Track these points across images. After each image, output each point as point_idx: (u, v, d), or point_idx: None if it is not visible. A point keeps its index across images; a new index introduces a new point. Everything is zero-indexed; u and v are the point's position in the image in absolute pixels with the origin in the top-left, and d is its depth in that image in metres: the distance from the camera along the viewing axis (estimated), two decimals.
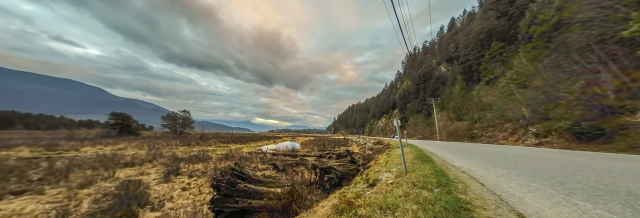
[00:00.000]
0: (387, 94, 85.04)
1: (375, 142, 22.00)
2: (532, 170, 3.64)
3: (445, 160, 5.63)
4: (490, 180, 3.18)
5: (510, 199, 2.28)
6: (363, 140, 34.21)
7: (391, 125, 64.71)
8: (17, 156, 10.27)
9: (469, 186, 2.88)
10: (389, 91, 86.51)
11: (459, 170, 4.10)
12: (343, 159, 7.72)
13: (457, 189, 2.67)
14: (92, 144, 15.82)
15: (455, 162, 5.18)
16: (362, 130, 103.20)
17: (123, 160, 9.11)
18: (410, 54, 11.35)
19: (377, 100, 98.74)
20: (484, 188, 2.76)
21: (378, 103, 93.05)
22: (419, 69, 54.83)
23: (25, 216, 4.05)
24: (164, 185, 6.35)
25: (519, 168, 3.85)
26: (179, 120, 31.68)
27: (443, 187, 2.80)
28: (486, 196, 2.44)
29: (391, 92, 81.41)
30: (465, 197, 2.34)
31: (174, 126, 31.34)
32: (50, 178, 6.20)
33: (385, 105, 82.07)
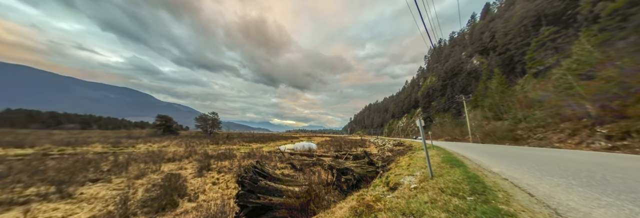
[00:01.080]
0: (408, 91, 79.39)
1: (396, 144, 20.73)
2: (603, 181, 2.93)
3: (480, 165, 4.96)
4: (542, 190, 2.67)
5: (571, 214, 1.88)
6: (381, 141, 32.63)
7: (413, 125, 60.10)
8: (93, 151, 12.91)
9: (512, 196, 2.47)
10: (410, 89, 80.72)
11: (498, 177, 3.55)
12: (360, 160, 7.49)
13: (496, 198, 2.31)
14: (144, 142, 18.84)
15: (494, 168, 4.51)
16: (380, 131, 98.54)
17: (166, 156, 10.60)
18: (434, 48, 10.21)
19: (397, 99, 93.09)
20: (534, 200, 2.33)
21: (398, 102, 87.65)
22: (445, 63, 49.69)
23: (99, 199, 5.05)
24: (198, 179, 7.15)
25: (583, 178, 3.14)
26: (209, 121, 35.39)
27: (478, 195, 2.47)
28: (536, 209, 2.05)
29: (412, 90, 75.75)
30: (508, 209, 2.01)
31: (205, 126, 35.12)
32: (115, 170, 7.60)
33: (406, 104, 76.76)
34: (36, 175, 6.29)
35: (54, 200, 4.78)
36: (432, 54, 65.48)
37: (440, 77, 48.30)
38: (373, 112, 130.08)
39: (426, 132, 29.19)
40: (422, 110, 56.14)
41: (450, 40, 60.22)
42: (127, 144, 16.79)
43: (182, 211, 4.58)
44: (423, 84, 62.30)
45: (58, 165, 7.68)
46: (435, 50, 57.48)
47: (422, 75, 74.98)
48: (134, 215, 4.28)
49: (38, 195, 4.88)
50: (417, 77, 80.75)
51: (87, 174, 6.80)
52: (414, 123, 60.15)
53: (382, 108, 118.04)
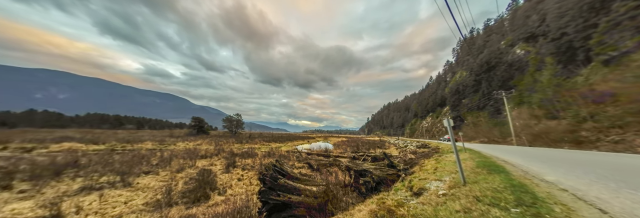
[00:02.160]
0: (433, 88, 72.61)
1: (419, 145, 19.13)
2: None
3: (527, 172, 4.20)
4: (619, 206, 2.12)
5: None
6: (403, 142, 30.54)
7: (440, 125, 54.58)
8: (145, 148, 15.38)
9: (575, 211, 2.02)
10: (435, 86, 73.75)
11: (555, 187, 2.96)
12: (380, 162, 7.14)
13: (552, 213, 1.93)
14: (182, 140, 21.62)
15: (548, 176, 3.77)
16: (401, 131, 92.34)
17: (200, 153, 11.94)
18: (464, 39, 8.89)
19: (420, 97, 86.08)
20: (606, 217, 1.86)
21: (421, 100, 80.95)
22: (478, 55, 43.84)
23: (150, 189, 5.97)
24: (226, 175, 7.85)
25: None
26: (234, 122, 38.65)
27: (526, 207, 2.09)
28: None
29: (438, 87, 69.02)
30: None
31: (231, 127, 38.44)
32: (162, 164, 8.90)
33: (430, 102, 70.28)
34: (107, 167, 7.80)
35: (119, 187, 5.85)
36: (462, 45, 58.60)
37: (473, 71, 42.74)
38: (392, 111, 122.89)
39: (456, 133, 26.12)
40: (451, 109, 50.56)
41: (485, 29, 52.91)
42: (170, 142, 19.52)
43: (213, 203, 5.08)
44: (451, 79, 56.22)
45: (121, 159, 9.39)
46: (466, 42, 51.28)
47: (449, 70, 67.77)
48: (176, 204, 4.93)
49: (108, 183, 6.04)
50: (443, 73, 73.35)
51: (141, 167, 8.14)
52: (440, 124, 54.53)
53: (402, 107, 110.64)
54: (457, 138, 20.37)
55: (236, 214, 3.78)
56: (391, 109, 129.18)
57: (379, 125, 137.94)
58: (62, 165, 7.44)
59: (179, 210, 4.58)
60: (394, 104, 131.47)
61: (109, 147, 14.85)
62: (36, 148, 13.13)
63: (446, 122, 3.34)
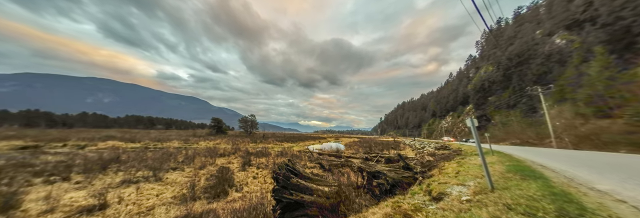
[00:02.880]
0: (454, 86, 67.43)
1: (439, 147, 17.89)
2: None
3: (573, 179, 3.65)
4: None
5: None
6: (419, 143, 28.84)
7: (462, 125, 50.35)
8: (173, 146, 16.94)
9: None
10: (455, 83, 68.42)
11: (609, 198, 2.52)
12: (394, 164, 6.84)
13: None
14: (204, 140, 23.35)
15: (599, 184, 3.23)
16: (417, 132, 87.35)
17: (219, 152, 12.77)
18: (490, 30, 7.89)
19: (438, 96, 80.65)
20: None
21: (439, 98, 75.78)
22: (507, 47, 39.55)
23: (177, 184, 6.56)
24: (242, 172, 8.26)
25: None
26: (248, 122, 40.56)
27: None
28: None
29: (459, 84, 63.88)
30: None
31: (246, 127, 40.39)
32: (187, 161, 9.73)
33: (450, 100, 65.38)
34: (142, 163, 8.78)
35: (152, 181, 6.53)
36: (487, 38, 53.41)
37: (501, 65, 38.69)
38: (407, 110, 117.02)
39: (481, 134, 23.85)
40: (474, 108, 46.40)
41: (515, 18, 47.51)
42: (193, 141, 21.24)
43: (231, 199, 5.38)
44: (475, 75, 51.61)
45: (153, 156, 10.49)
46: (492, 34, 46.70)
47: (472, 65, 62.30)
48: (199, 198, 5.33)
49: (143, 177, 6.79)
50: (465, 68, 67.72)
51: (169, 164, 8.98)
52: (462, 124, 50.31)
53: (418, 106, 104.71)
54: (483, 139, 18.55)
55: (252, 211, 3.95)
56: (406, 108, 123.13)
57: (393, 125, 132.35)
58: (108, 161, 8.57)
59: (201, 204, 4.95)
60: (409, 103, 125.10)
61: (143, 145, 16.69)
62: (87, 145, 15.36)
63: (469, 121, 3.06)
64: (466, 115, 49.19)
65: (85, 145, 15.21)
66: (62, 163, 7.90)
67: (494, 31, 47.13)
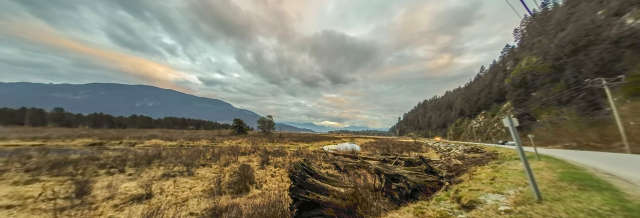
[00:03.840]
0: (487, 81, 59.90)
1: (468, 149, 16.06)
2: None
3: None
4: None
5: None
6: (445, 145, 26.32)
7: (497, 125, 44.32)
8: (202, 145, 18.80)
9: None
10: (488, 77, 60.72)
11: None
12: (416, 167, 6.37)
13: None
14: (227, 139, 25.36)
15: None
16: (442, 133, 79.88)
17: (240, 151, 13.70)
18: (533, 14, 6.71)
19: (467, 92, 72.67)
20: None
21: (468, 96, 68.19)
22: (557, 33, 33.43)
23: (206, 178, 7.25)
24: (261, 171, 8.70)
25: None
26: (266, 123, 42.66)
27: None
28: None
29: (493, 79, 56.46)
30: None
31: (264, 127, 42.55)
32: (213, 158, 10.69)
33: (482, 97, 58.23)
34: (178, 159, 9.96)
35: (185, 176, 7.36)
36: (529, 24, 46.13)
37: (549, 55, 32.93)
38: (430, 110, 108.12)
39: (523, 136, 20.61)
40: (514, 105, 40.46)
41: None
42: (218, 140, 23.25)
43: (252, 195, 5.71)
44: (514, 68, 45.04)
45: (186, 153, 11.80)
46: (536, 19, 40.22)
47: (510, 56, 54.55)
48: (224, 193, 5.80)
49: (179, 172, 7.70)
50: (500, 60, 59.69)
51: (199, 160, 10.00)
52: (498, 124, 44.26)
53: (443, 104, 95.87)
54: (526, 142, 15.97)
55: (271, 207, 4.12)
56: (428, 107, 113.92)
57: (413, 125, 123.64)
58: (152, 157, 9.96)
59: (226, 198, 5.37)
60: (432, 102, 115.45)
61: (179, 144, 18.94)
62: (137, 143, 18.08)
63: (507, 121, 2.67)
64: (503, 114, 43.11)
65: (135, 143, 17.99)
66: (119, 158, 9.47)
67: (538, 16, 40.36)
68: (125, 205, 4.58)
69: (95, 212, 4.13)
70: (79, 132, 27.85)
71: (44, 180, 6.01)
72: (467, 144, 25.27)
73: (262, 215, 3.85)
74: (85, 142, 17.39)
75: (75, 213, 4.00)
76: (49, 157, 8.99)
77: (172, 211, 4.13)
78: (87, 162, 8.44)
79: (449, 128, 72.28)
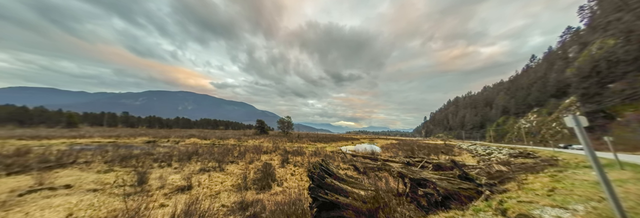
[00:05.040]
0: (540, 72, 50.13)
1: (516, 154, 13.61)
2: None
3: None
4: None
5: None
6: (483, 148, 22.93)
7: (557, 126, 36.39)
8: (230, 143, 20.73)
9: None
10: (542, 68, 50.74)
11: None
12: (446, 172, 5.71)
13: None
14: (251, 139, 27.37)
15: None
16: (479, 134, 69.65)
17: (263, 150, 14.61)
18: None
19: (512, 87, 62.11)
20: None
21: (514, 91, 58.16)
22: None
23: (234, 174, 7.97)
24: (281, 169, 9.10)
25: None
26: (285, 123, 44.55)
27: None
28: None
29: (549, 69, 46.89)
30: None
31: (283, 128, 44.48)
32: (240, 156, 11.68)
33: (534, 92, 48.93)
34: (211, 156, 11.22)
35: (218, 171, 8.23)
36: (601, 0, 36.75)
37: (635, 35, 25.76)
38: (463, 108, 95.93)
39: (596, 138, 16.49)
40: (579, 100, 32.73)
41: None
42: (244, 140, 25.30)
43: (274, 192, 6.02)
44: (580, 54, 36.58)
45: (218, 151, 13.19)
46: None
47: (573, 40, 44.59)
48: (249, 189, 6.26)
49: (212, 167, 8.65)
50: (559, 46, 49.30)
51: (228, 157, 11.06)
52: (557, 123, 36.33)
53: (480, 101, 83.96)
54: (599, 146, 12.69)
55: (291, 205, 4.26)
56: (460, 104, 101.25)
57: (442, 125, 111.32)
58: (191, 153, 11.47)
59: (251, 194, 5.79)
60: (466, 98, 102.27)
61: (211, 142, 21.31)
62: (180, 141, 21.06)
63: (571, 120, 2.16)
64: (565, 112, 35.06)
65: (178, 141, 21.03)
66: (167, 154, 11.19)
67: None
68: (172, 194, 5.38)
69: (151, 198, 4.97)
70: (139, 132, 34.05)
71: (117, 170, 7.53)
72: (514, 147, 21.41)
73: (283, 211, 4.01)
74: (143, 139, 21.19)
75: (137, 198, 4.89)
76: (119, 151, 11.24)
77: (207, 202, 4.66)
78: (145, 156, 10.23)
79: (488, 129, 62.62)
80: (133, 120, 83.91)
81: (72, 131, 31.40)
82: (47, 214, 3.85)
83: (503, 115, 59.80)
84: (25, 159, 7.88)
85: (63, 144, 15.18)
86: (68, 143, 16.14)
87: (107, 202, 4.59)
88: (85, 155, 9.52)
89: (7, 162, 7.18)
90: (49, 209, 4.06)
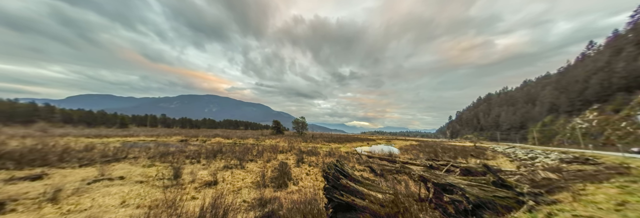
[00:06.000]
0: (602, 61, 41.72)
1: (569, 159, 11.48)
2: None
3: None
4: None
5: None
6: (524, 151, 19.94)
7: (629, 125, 29.65)
8: (249, 143, 22.03)
9: None
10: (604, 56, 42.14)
11: None
12: (478, 178, 5.11)
13: None
14: (268, 138, 28.65)
15: None
16: (518, 135, 60.62)
17: (279, 149, 15.15)
18: None
19: (562, 80, 52.93)
20: None
21: (565, 84, 49.48)
22: None
23: (254, 171, 8.44)
24: (297, 168, 9.30)
25: None
26: (300, 124, 45.46)
27: None
28: None
29: (615, 58, 38.77)
30: None
31: (298, 128, 45.45)
32: (258, 155, 12.32)
33: (594, 85, 40.83)
34: (233, 154, 12.08)
35: (239, 168, 8.82)
36: None
37: None
38: (497, 106, 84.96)
39: None
40: None
41: None
42: (261, 139, 26.63)
43: (290, 191, 6.19)
44: None
45: (239, 150, 14.15)
46: None
47: None
48: (267, 186, 6.56)
49: (234, 165, 9.31)
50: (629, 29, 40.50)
51: (248, 156, 11.77)
52: (629, 123, 29.61)
53: (520, 98, 73.40)
54: None
55: (307, 204, 4.32)
56: (494, 102, 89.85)
57: (471, 125, 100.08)
58: (216, 151, 12.53)
59: (269, 191, 6.06)
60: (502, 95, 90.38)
61: (233, 141, 22.95)
62: (206, 140, 23.19)
63: None
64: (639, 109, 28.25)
65: (205, 140, 23.21)
66: (196, 152, 12.44)
67: None
68: (201, 188, 5.95)
69: (184, 191, 5.57)
70: (174, 131, 38.59)
71: (157, 165, 8.65)
72: (566, 151, 18.02)
73: (299, 210, 4.09)
74: (177, 138, 23.97)
75: (173, 190, 5.54)
76: (159, 148, 12.89)
77: (230, 197, 5.03)
78: (179, 153, 11.54)
79: (530, 130, 54.08)
80: (169, 121, 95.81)
81: (124, 131, 37.24)
82: (107, 200, 4.63)
83: (551, 114, 50.94)
84: (91, 154, 9.62)
85: (117, 142, 18.10)
86: (121, 141, 19.20)
87: (150, 193, 5.31)
88: (133, 152, 11.18)
89: (79, 156, 8.87)
90: (108, 196, 4.88)
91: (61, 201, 4.39)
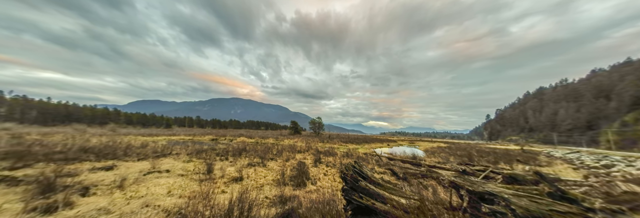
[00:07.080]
0: None
1: None
2: None
3: None
4: None
5: None
6: (594, 157, 16.09)
7: None
8: (270, 142, 23.27)
9: None
10: None
11: None
12: (527, 187, 4.32)
13: None
14: (287, 138, 29.77)
15: None
16: (585, 137, 48.99)
17: (297, 149, 15.60)
18: None
19: None
20: None
21: None
22: None
23: (274, 170, 8.89)
24: (314, 168, 9.41)
25: None
26: (317, 124, 45.94)
27: None
28: None
29: None
30: None
31: (315, 128, 46.01)
32: (278, 154, 12.92)
33: None
34: (256, 153, 12.94)
35: (261, 166, 9.40)
36: None
37: None
38: (553, 101, 70.77)
39: None
40: None
41: None
42: (280, 139, 27.85)
43: (309, 190, 6.30)
44: None
45: (260, 148, 15.09)
46: None
47: None
48: (287, 185, 6.81)
49: (257, 163, 9.97)
50: None
51: (269, 155, 12.45)
52: None
53: (587, 91, 59.80)
54: None
55: (325, 205, 4.33)
56: (548, 97, 75.08)
57: (516, 126, 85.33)
58: (241, 150, 13.63)
59: (289, 189, 6.28)
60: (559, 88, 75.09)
61: (255, 141, 24.60)
62: (233, 140, 25.40)
63: None
64: None
65: (232, 139, 25.49)
66: (224, 150, 13.75)
67: None
68: (229, 183, 6.55)
69: (215, 185, 6.22)
70: (207, 131, 43.46)
71: (194, 161, 9.87)
72: None
73: (318, 210, 4.13)
74: (209, 137, 26.97)
75: (207, 184, 6.24)
76: (195, 146, 14.70)
77: (254, 193, 5.40)
78: (211, 151, 12.93)
79: (604, 131, 43.18)
80: (203, 123, 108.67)
81: (168, 130, 43.74)
82: (157, 189, 5.50)
83: (634, 111, 39.77)
84: (145, 150, 11.55)
85: (164, 140, 21.32)
86: (167, 139, 22.56)
87: (189, 185, 6.09)
88: (176, 149, 13.01)
89: (137, 152, 10.75)
90: (158, 186, 5.79)
91: (126, 188, 5.40)
